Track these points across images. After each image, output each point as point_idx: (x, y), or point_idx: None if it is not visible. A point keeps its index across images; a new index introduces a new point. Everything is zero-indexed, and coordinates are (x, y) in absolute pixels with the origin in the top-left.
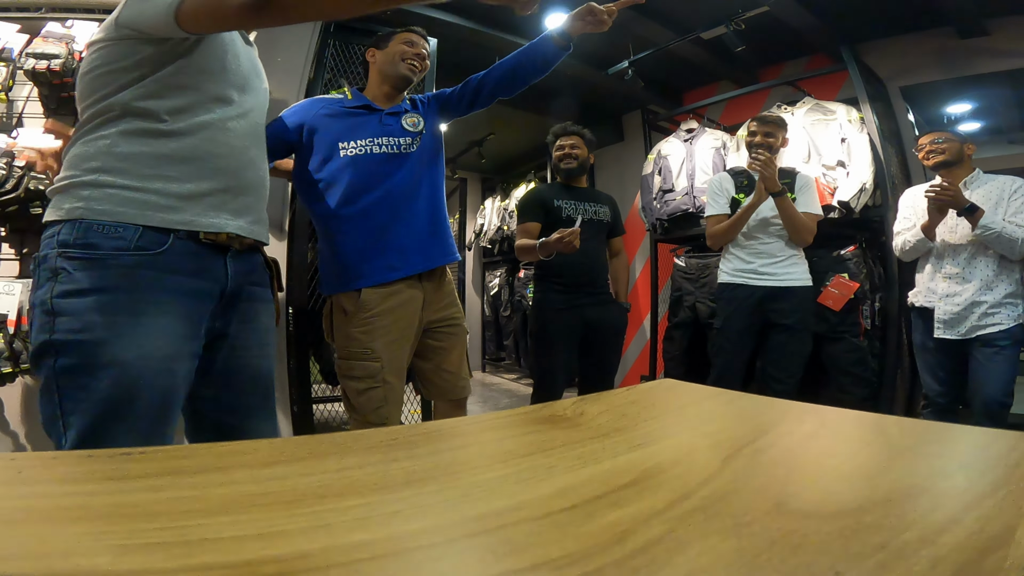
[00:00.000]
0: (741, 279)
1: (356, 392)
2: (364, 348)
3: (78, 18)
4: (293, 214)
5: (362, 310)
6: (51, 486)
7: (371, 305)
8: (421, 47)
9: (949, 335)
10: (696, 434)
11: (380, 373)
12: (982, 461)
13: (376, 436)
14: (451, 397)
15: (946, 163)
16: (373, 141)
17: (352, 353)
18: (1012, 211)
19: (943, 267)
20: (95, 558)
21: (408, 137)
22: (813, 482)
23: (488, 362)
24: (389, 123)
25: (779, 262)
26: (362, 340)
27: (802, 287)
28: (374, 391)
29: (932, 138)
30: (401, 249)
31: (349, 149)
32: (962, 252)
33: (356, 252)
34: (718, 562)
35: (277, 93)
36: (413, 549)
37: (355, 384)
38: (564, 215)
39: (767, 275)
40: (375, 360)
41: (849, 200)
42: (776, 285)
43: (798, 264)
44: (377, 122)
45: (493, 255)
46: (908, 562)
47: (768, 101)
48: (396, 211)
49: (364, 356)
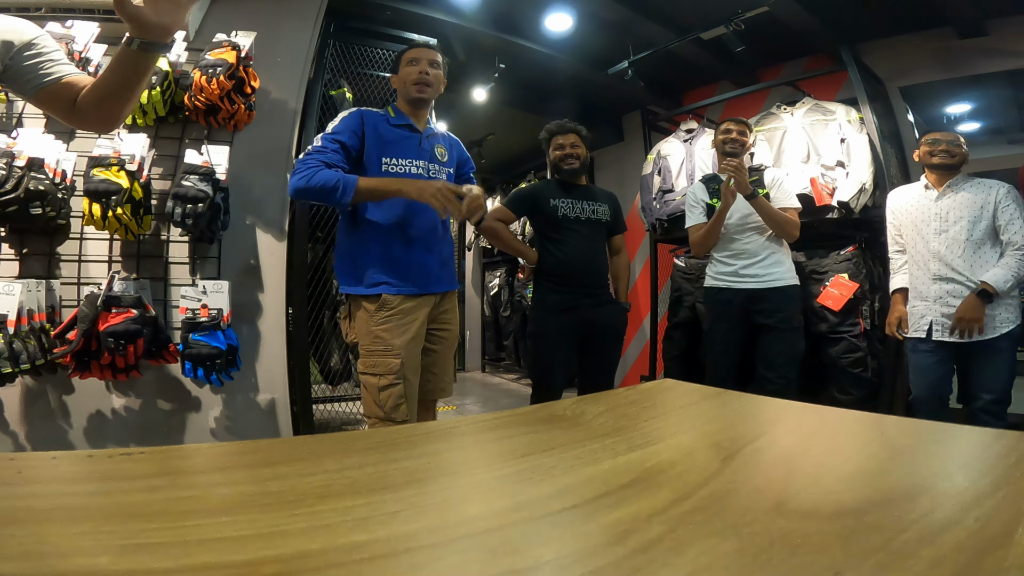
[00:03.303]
0: (724, 283)
1: (377, 389)
2: (386, 345)
3: (78, 18)
4: (293, 215)
5: (383, 308)
6: (51, 486)
7: (392, 304)
8: (425, 63)
9: (951, 338)
10: (696, 434)
11: (401, 369)
12: (982, 461)
13: (376, 436)
14: (429, 397)
15: (953, 167)
16: (412, 162)
17: (374, 351)
18: (1004, 220)
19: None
20: (95, 558)
21: (437, 165)
22: (813, 482)
23: (488, 362)
24: (426, 148)
25: (761, 261)
26: (384, 338)
27: (786, 286)
28: (395, 387)
29: (949, 137)
30: (421, 270)
31: (391, 165)
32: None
33: (383, 261)
34: (718, 562)
35: (277, 93)
36: (413, 549)
37: (377, 381)
38: (560, 214)
39: (749, 277)
40: (396, 356)
41: (849, 200)
42: (758, 287)
43: (782, 263)
44: (417, 144)
45: (493, 255)
46: (908, 562)
47: (768, 101)
48: (421, 232)
49: (386, 353)
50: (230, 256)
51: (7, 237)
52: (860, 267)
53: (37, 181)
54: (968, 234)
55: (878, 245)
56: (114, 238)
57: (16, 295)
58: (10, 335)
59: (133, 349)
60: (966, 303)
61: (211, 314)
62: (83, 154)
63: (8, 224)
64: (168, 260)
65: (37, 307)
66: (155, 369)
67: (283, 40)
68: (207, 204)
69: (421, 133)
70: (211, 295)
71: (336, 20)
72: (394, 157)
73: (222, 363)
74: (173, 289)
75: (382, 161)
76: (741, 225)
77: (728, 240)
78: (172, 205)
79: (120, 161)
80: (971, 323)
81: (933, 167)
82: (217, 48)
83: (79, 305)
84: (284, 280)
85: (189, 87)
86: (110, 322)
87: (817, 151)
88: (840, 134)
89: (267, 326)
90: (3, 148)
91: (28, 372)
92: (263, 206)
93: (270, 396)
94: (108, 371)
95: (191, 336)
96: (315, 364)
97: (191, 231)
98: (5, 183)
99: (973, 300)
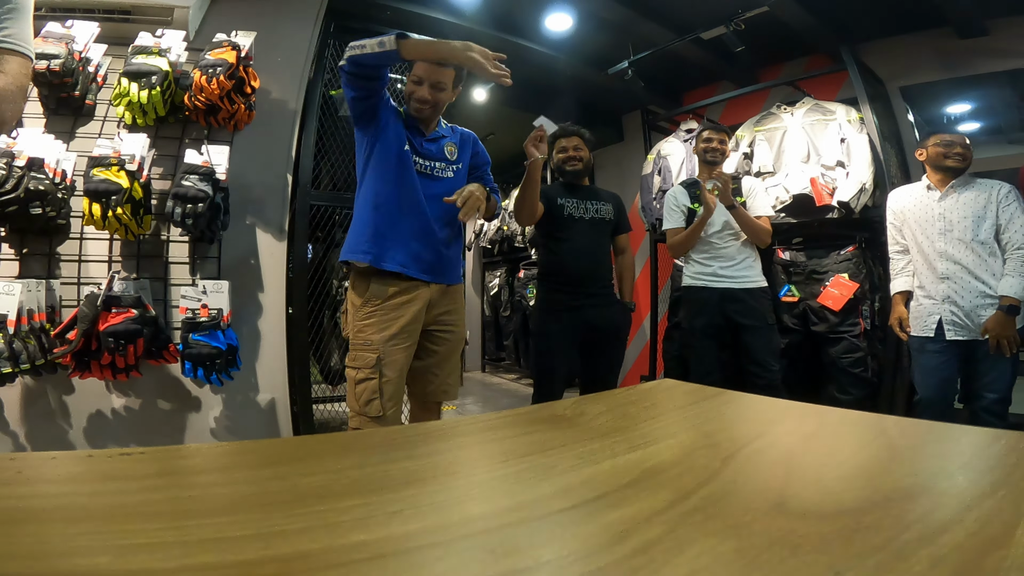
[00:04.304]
0: (702, 282)
1: (353, 382)
2: (366, 339)
3: (78, 18)
4: (293, 214)
5: (368, 303)
6: (51, 486)
7: (377, 299)
8: (425, 88)
9: (962, 336)
10: (696, 434)
11: (377, 365)
12: (982, 461)
13: (376, 436)
14: (432, 399)
15: (960, 171)
16: (417, 153)
17: (356, 344)
18: (1005, 220)
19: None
20: (95, 558)
21: (444, 163)
22: (813, 482)
23: (488, 362)
24: (429, 148)
25: (736, 264)
26: (365, 332)
27: (757, 288)
28: (370, 382)
29: (964, 140)
30: (418, 257)
31: (405, 147)
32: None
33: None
34: (718, 562)
35: (277, 93)
36: (413, 549)
37: (355, 374)
38: (566, 213)
39: (725, 277)
40: (374, 351)
41: (849, 200)
42: (734, 287)
43: (753, 267)
44: (420, 144)
45: (493, 255)
46: (908, 562)
47: (768, 101)
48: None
49: (365, 347)
50: (230, 256)
51: (7, 237)
52: (860, 267)
53: (37, 181)
54: (973, 234)
55: (878, 245)
56: (114, 238)
57: (16, 295)
58: (10, 335)
59: (133, 349)
60: (995, 321)
61: (211, 314)
62: (83, 154)
63: (8, 224)
64: (168, 260)
65: (37, 307)
66: (155, 369)
67: (283, 40)
68: (207, 204)
69: (426, 136)
70: (211, 295)
71: (336, 20)
72: (405, 144)
73: (222, 363)
74: (173, 289)
75: (405, 143)
76: (721, 231)
77: (708, 244)
78: (172, 205)
79: (120, 161)
80: (1007, 339)
81: (946, 168)
82: (217, 48)
83: (79, 305)
84: (284, 280)
85: (189, 87)
86: (110, 322)
87: (817, 151)
88: (840, 134)
89: (267, 326)
90: (3, 148)
91: (28, 372)
92: (263, 206)
93: (270, 396)
94: (108, 371)
95: (191, 336)
96: (315, 364)
97: (191, 231)
98: (5, 183)
99: (1001, 317)
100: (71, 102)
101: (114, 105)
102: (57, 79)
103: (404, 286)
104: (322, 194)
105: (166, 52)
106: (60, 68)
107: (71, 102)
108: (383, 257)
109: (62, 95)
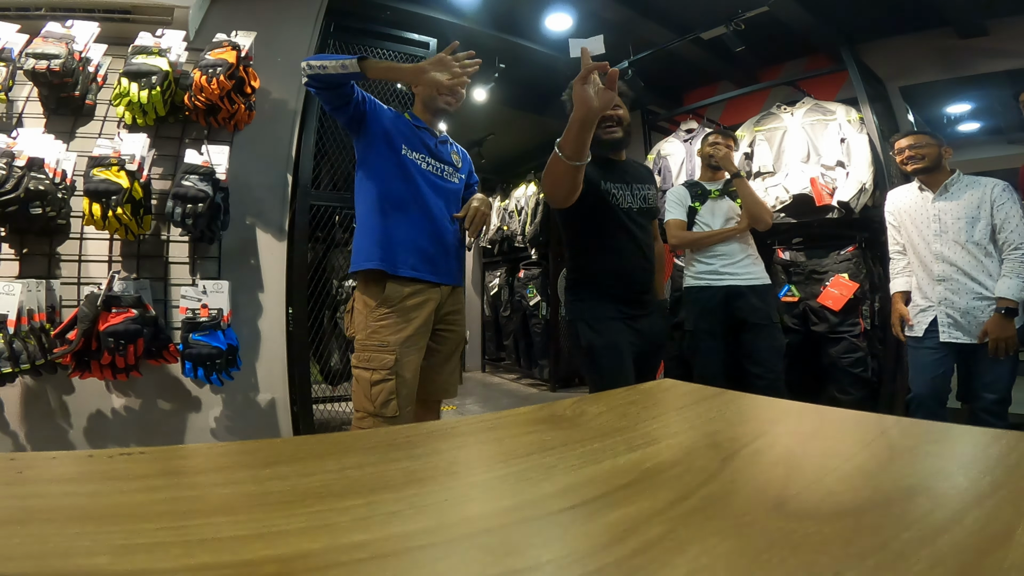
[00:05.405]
0: (705, 281)
1: (370, 383)
2: (382, 341)
3: (78, 18)
4: (293, 214)
5: (384, 304)
6: (51, 486)
7: (393, 300)
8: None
9: (958, 338)
10: (696, 434)
11: (395, 366)
12: (982, 461)
13: (376, 436)
14: (433, 397)
15: (929, 168)
16: (425, 158)
17: (369, 345)
18: (1000, 219)
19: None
20: (95, 558)
21: (451, 168)
22: (813, 482)
23: (488, 362)
24: (440, 151)
25: (738, 262)
26: (380, 333)
27: (761, 285)
28: (387, 383)
29: (911, 142)
30: (429, 259)
31: (409, 153)
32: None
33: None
34: (718, 562)
35: (277, 93)
36: (413, 549)
37: (369, 375)
38: (613, 202)
39: (728, 275)
40: (391, 353)
41: (849, 200)
42: (737, 284)
43: (755, 264)
44: (433, 145)
45: (493, 255)
46: (908, 562)
47: (768, 101)
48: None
49: (381, 348)
50: (230, 256)
51: (7, 237)
52: (860, 267)
53: (37, 181)
54: (968, 235)
55: (878, 245)
56: (114, 238)
57: (16, 295)
58: (10, 335)
59: (133, 349)
60: (993, 324)
61: (211, 314)
62: (83, 154)
63: (8, 224)
64: (168, 260)
65: (37, 307)
66: (155, 369)
67: (283, 40)
68: (207, 204)
69: (437, 137)
70: (211, 295)
71: (336, 20)
72: (411, 149)
73: (222, 363)
74: (173, 289)
75: (402, 147)
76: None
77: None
78: (172, 205)
79: (120, 161)
80: (1005, 341)
81: (910, 174)
82: (217, 48)
83: (79, 305)
84: (284, 280)
85: (189, 87)
86: (110, 322)
87: (817, 151)
88: (840, 134)
89: (267, 326)
90: (3, 148)
91: (28, 372)
92: (263, 206)
93: (270, 396)
94: (108, 371)
95: (191, 336)
96: (315, 364)
97: (191, 231)
98: (5, 183)
99: (1000, 320)
100: (71, 102)
101: (114, 105)
102: (57, 79)
103: (418, 288)
104: (322, 194)
105: (166, 52)
106: (60, 68)
107: (71, 102)
108: (396, 263)
109: (62, 95)
